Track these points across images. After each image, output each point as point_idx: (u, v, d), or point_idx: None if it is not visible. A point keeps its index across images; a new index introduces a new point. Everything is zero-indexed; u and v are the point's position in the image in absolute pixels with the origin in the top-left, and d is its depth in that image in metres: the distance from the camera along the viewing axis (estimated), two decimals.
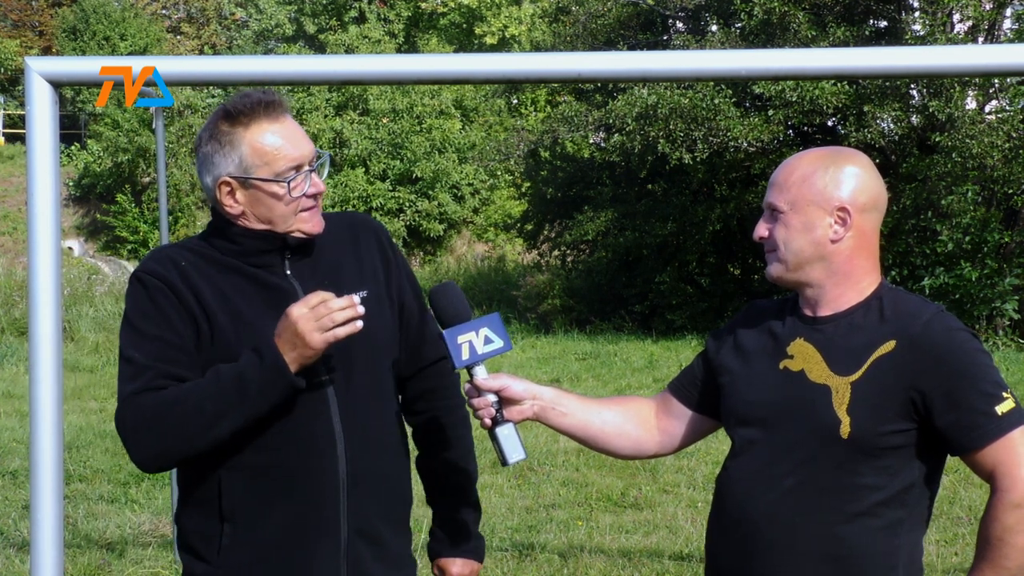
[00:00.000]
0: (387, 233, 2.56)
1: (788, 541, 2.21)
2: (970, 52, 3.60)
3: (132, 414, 2.24)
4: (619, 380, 11.90)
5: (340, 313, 2.16)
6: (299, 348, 2.16)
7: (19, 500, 7.07)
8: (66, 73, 3.75)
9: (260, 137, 2.32)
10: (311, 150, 2.37)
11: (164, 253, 2.38)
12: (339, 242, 2.45)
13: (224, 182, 2.33)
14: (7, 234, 26.59)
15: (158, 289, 2.30)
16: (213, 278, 2.33)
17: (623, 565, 5.81)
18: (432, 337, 2.56)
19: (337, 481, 2.31)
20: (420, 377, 2.55)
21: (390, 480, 2.44)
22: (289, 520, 2.30)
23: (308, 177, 2.34)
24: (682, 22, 18.20)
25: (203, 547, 2.33)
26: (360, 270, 2.44)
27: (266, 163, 2.31)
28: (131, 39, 32.37)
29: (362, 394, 2.37)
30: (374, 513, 2.38)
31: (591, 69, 3.90)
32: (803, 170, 2.27)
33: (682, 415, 2.51)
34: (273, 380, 2.18)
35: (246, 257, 2.36)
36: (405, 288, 2.52)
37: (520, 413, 2.38)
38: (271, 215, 2.33)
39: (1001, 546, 2.11)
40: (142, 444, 2.25)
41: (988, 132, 13.51)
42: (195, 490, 2.35)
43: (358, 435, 2.34)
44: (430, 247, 27.06)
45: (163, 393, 2.23)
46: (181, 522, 2.40)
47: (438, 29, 32.09)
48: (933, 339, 2.17)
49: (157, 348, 2.26)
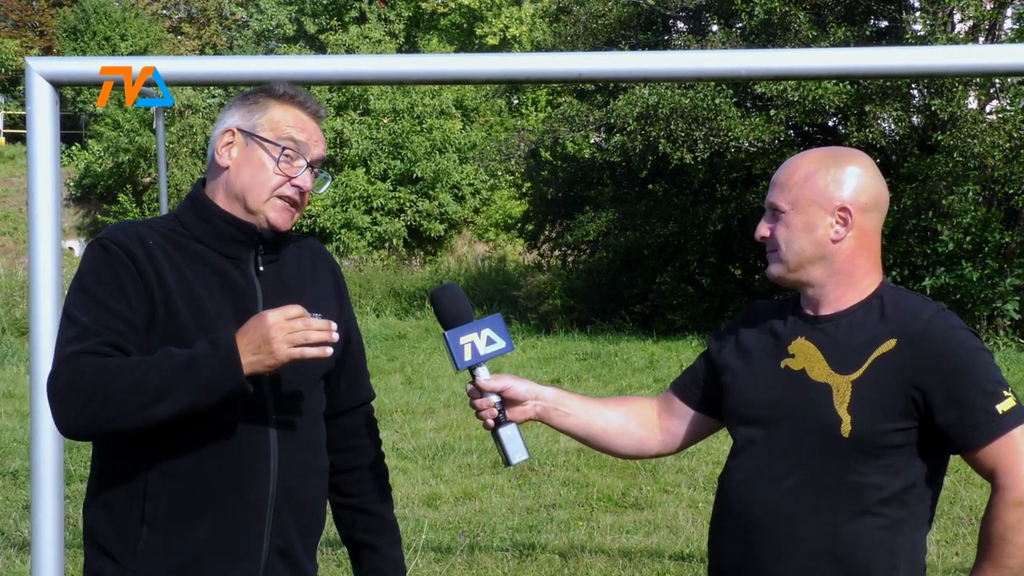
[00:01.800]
0: (339, 268, 2.57)
1: (790, 540, 2.21)
2: (971, 52, 3.60)
3: (70, 374, 2.12)
4: (620, 380, 11.90)
5: (316, 333, 2.10)
6: (261, 354, 2.08)
7: (20, 500, 7.08)
8: (66, 73, 3.76)
9: (284, 113, 2.34)
10: (320, 153, 2.36)
11: (133, 228, 2.30)
12: (301, 262, 2.44)
13: (229, 130, 2.33)
14: (8, 234, 26.60)
15: (119, 259, 2.22)
16: (178, 262, 2.27)
17: (624, 565, 5.81)
18: (366, 377, 2.61)
19: (266, 498, 2.27)
20: (351, 414, 2.57)
21: (313, 505, 2.40)
22: (213, 533, 2.24)
23: (304, 168, 2.33)
24: (683, 22, 18.20)
25: (116, 547, 2.25)
26: (316, 295, 2.42)
27: (272, 129, 2.31)
28: (132, 39, 32.38)
29: (299, 418, 2.34)
30: (295, 535, 2.34)
31: (592, 69, 3.91)
32: (805, 170, 2.28)
33: (684, 415, 2.51)
34: (223, 373, 2.08)
35: (217, 242, 2.31)
36: (351, 324, 2.53)
37: (523, 413, 2.38)
38: (252, 182, 2.30)
39: (1003, 544, 2.11)
40: (73, 407, 2.12)
41: (990, 132, 13.51)
42: (117, 486, 2.26)
43: (290, 454, 2.30)
44: (431, 247, 27.06)
45: (107, 359, 2.13)
46: (92, 516, 2.31)
47: (439, 29, 32.09)
48: (934, 337, 2.17)
49: (106, 316, 2.18)
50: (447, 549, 6.08)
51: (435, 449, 8.60)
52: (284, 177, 2.31)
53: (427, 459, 8.33)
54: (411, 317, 19.14)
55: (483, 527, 6.51)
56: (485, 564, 5.83)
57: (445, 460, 8.30)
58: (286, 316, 2.09)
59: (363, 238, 25.75)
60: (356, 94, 26.70)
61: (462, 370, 2.33)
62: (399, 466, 8.09)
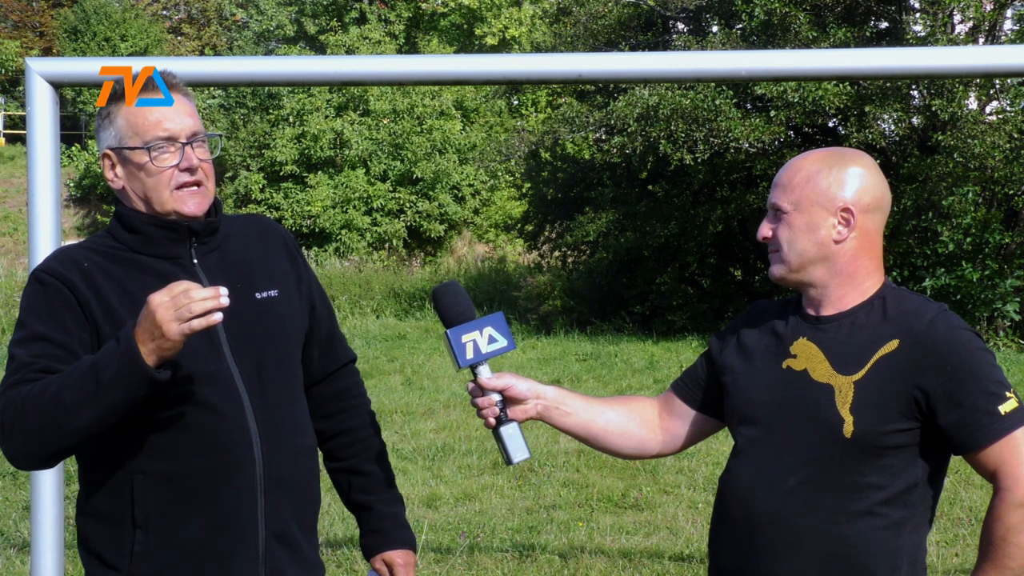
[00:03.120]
0: (292, 238, 2.56)
1: (791, 540, 2.21)
2: (971, 53, 3.60)
3: (4, 408, 2.14)
4: (620, 381, 11.89)
5: (199, 304, 2.01)
6: (157, 339, 2.03)
7: (20, 501, 7.07)
8: (66, 74, 3.76)
9: (132, 111, 2.30)
10: (190, 125, 2.32)
11: (67, 254, 2.31)
12: (247, 241, 2.43)
13: (105, 155, 2.33)
14: (8, 235, 26.61)
15: (55, 289, 2.23)
16: (118, 277, 2.27)
17: (624, 566, 5.80)
18: (341, 339, 2.60)
19: (255, 484, 2.27)
20: (332, 379, 2.56)
21: (303, 483, 2.40)
22: (206, 526, 2.24)
23: (181, 150, 2.29)
24: (683, 23, 18.19)
25: (112, 554, 2.26)
26: (270, 270, 2.41)
27: (136, 133, 2.29)
28: (132, 40, 32.38)
29: (275, 396, 2.33)
30: (289, 516, 2.35)
31: (592, 70, 3.91)
32: (807, 170, 2.27)
33: (685, 415, 2.51)
34: (126, 369, 2.05)
35: (151, 247, 2.31)
36: (314, 291, 2.52)
37: (524, 412, 2.38)
38: (145, 189, 2.29)
39: (1004, 546, 2.11)
40: (12, 438, 2.14)
41: (990, 132, 13.51)
42: (103, 495, 2.27)
43: (272, 437, 2.30)
44: (430, 248, 27.06)
45: (31, 385, 2.13)
46: (85, 526, 2.32)
47: (439, 30, 32.10)
48: (936, 338, 2.17)
49: (40, 347, 2.18)
50: (447, 550, 6.08)
51: (435, 450, 8.60)
52: (168, 169, 2.29)
53: (427, 460, 8.32)
54: (411, 318, 19.13)
55: (483, 528, 6.51)
56: (485, 565, 5.83)
57: (445, 461, 8.29)
58: (170, 294, 2.04)
59: (363, 239, 25.75)
60: (356, 95, 26.69)
61: (463, 368, 2.33)
62: (399, 467, 8.09)
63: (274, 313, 2.36)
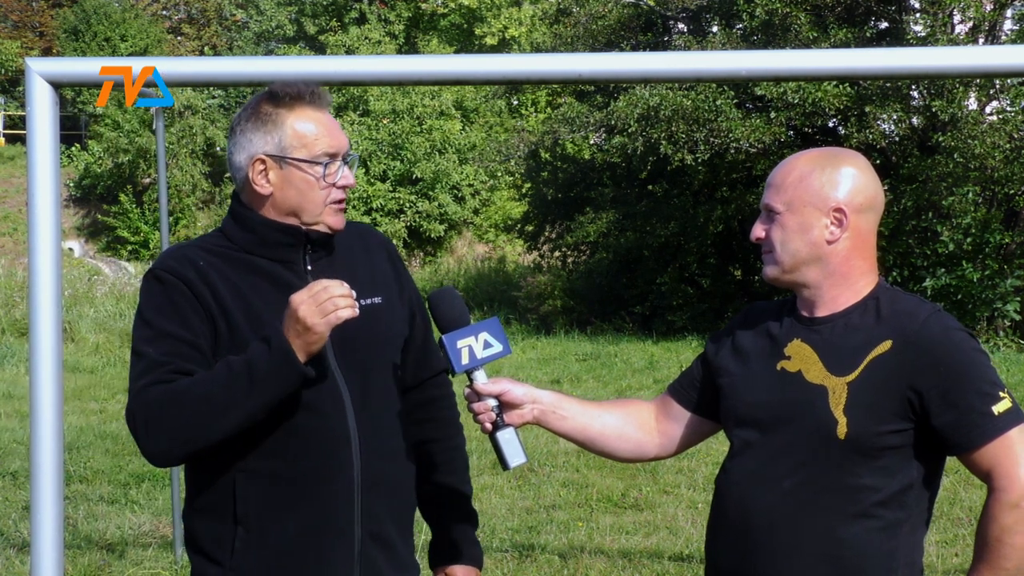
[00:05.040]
0: (393, 246, 2.59)
1: (787, 542, 2.21)
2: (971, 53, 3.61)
3: (141, 407, 2.21)
4: (619, 381, 11.89)
5: (341, 299, 2.15)
6: (303, 335, 2.14)
7: (19, 501, 7.07)
8: (66, 74, 3.75)
9: (302, 121, 2.33)
10: (346, 143, 2.38)
11: (182, 252, 2.36)
12: (352, 248, 2.47)
13: (259, 159, 2.32)
14: (7, 235, 26.60)
15: (175, 286, 2.28)
16: (231, 277, 2.31)
17: (623, 566, 5.81)
18: (435, 348, 2.60)
19: (352, 484, 2.31)
20: (423, 387, 2.59)
21: (400, 484, 2.44)
22: (304, 524, 2.29)
23: (342, 167, 2.35)
24: (683, 23, 18.20)
25: (215, 550, 2.32)
26: (373, 278, 2.45)
27: (304, 145, 2.32)
28: (131, 40, 32.37)
29: (376, 399, 2.37)
30: (385, 517, 2.38)
31: (592, 70, 3.90)
32: (799, 171, 2.27)
33: (681, 417, 2.51)
34: (280, 366, 2.15)
35: (265, 249, 2.34)
36: (414, 299, 2.56)
37: (520, 417, 2.38)
38: (301, 201, 2.32)
39: (999, 547, 2.11)
40: (152, 436, 2.21)
41: (990, 132, 13.51)
42: (208, 493, 2.33)
43: (371, 438, 2.34)
44: (430, 248, 27.06)
45: (172, 384, 2.20)
46: (191, 524, 2.38)
47: (438, 30, 32.09)
48: (930, 338, 2.17)
49: (171, 344, 2.24)
50: None
51: None
52: (331, 187, 2.34)
53: None
54: None
55: (483, 528, 6.51)
56: (485, 565, 5.82)
57: None
58: (309, 293, 2.15)
59: None
60: (356, 95, 26.70)
61: (459, 373, 2.33)
62: None
63: (378, 320, 2.39)
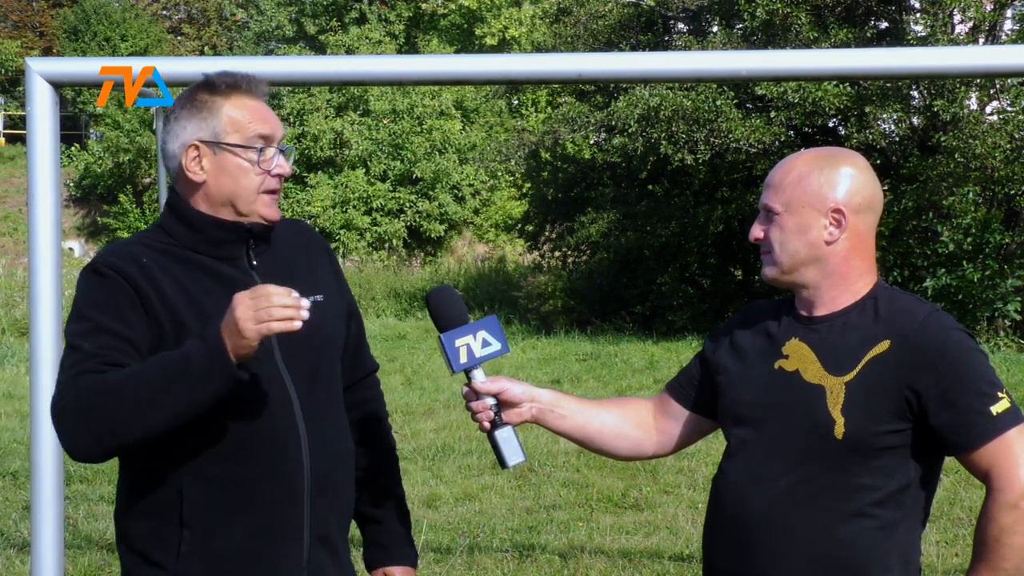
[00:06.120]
0: (328, 244, 2.57)
1: (783, 541, 2.21)
2: (972, 53, 3.60)
3: (69, 396, 2.12)
4: (620, 381, 11.89)
5: (280, 310, 2.04)
6: (235, 336, 2.05)
7: (20, 501, 7.07)
8: (66, 73, 3.76)
9: (237, 108, 2.29)
10: (281, 132, 2.34)
11: (126, 248, 2.29)
12: (293, 246, 2.43)
13: (193, 146, 2.28)
14: (8, 235, 26.60)
15: (115, 282, 2.21)
16: (175, 274, 2.25)
17: (623, 566, 5.81)
18: (367, 348, 2.61)
19: (302, 489, 2.27)
20: (356, 388, 2.57)
21: (344, 487, 2.41)
22: (254, 528, 2.25)
23: (277, 155, 2.31)
24: (683, 23, 18.19)
25: (158, 553, 2.25)
26: (315, 276, 2.42)
27: (237, 130, 2.28)
28: (132, 40, 32.38)
29: (322, 401, 2.34)
30: (331, 520, 2.35)
31: (592, 70, 3.91)
32: (798, 171, 2.27)
33: (680, 415, 2.51)
34: (213, 365, 2.06)
35: (209, 247, 2.30)
36: (351, 299, 2.54)
37: (518, 416, 2.38)
38: (235, 188, 2.28)
39: (998, 547, 2.11)
40: (76, 429, 2.13)
41: (991, 132, 13.51)
42: (151, 495, 2.26)
43: (319, 441, 2.30)
44: (431, 248, 27.05)
45: (106, 375, 2.11)
46: (128, 524, 2.30)
47: (439, 30, 32.08)
48: (928, 338, 2.17)
49: (106, 339, 2.16)
50: (447, 550, 6.08)
51: (435, 450, 8.60)
52: (265, 173, 2.30)
53: (427, 460, 8.33)
54: (411, 318, 19.13)
55: (483, 528, 6.51)
56: (485, 565, 5.83)
57: (445, 461, 8.30)
58: (251, 295, 2.06)
59: (363, 239, 25.74)
60: (356, 95, 26.69)
61: (458, 372, 2.33)
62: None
63: (321, 318, 2.35)
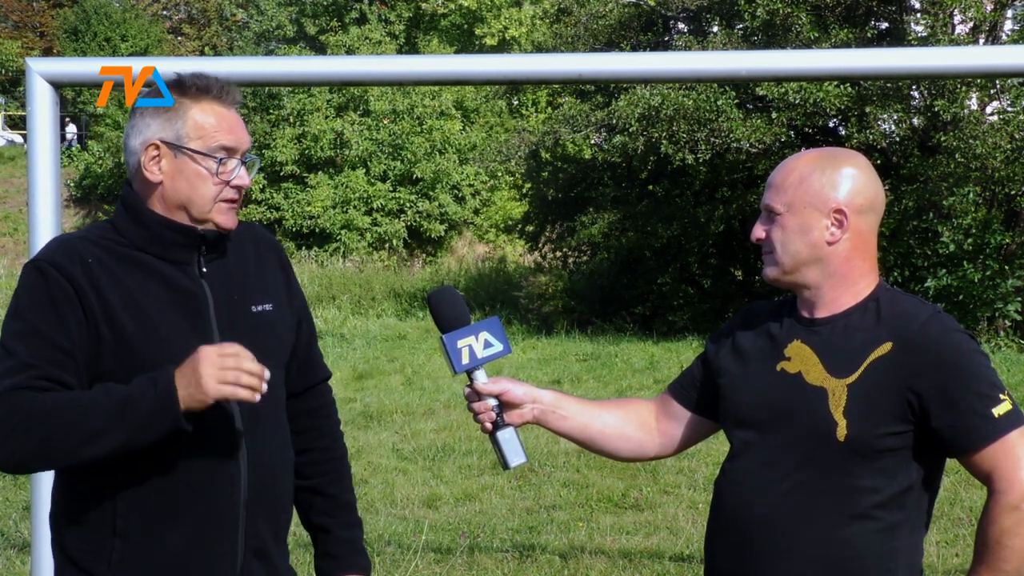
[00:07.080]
0: (283, 248, 2.52)
1: (785, 543, 2.21)
2: (972, 53, 3.61)
3: (5, 411, 2.07)
4: (620, 381, 11.89)
5: (248, 377, 2.04)
6: (191, 388, 2.03)
7: (19, 501, 7.07)
8: (67, 74, 3.76)
9: (204, 113, 2.25)
10: (246, 143, 2.30)
11: (72, 245, 2.21)
12: (244, 252, 2.39)
13: (153, 144, 2.22)
14: (8, 235, 26.62)
15: (57, 283, 2.14)
16: (120, 277, 2.19)
17: (624, 566, 5.80)
18: (319, 355, 2.57)
19: (239, 501, 2.24)
20: (306, 396, 2.53)
21: (282, 499, 2.37)
22: (188, 539, 2.21)
23: (239, 167, 2.26)
24: (684, 23, 18.19)
25: (90, 560, 2.21)
26: (265, 283, 2.38)
27: (200, 137, 2.23)
28: (132, 40, 32.41)
29: (264, 412, 2.29)
30: (266, 531, 2.32)
31: (592, 70, 3.91)
32: (800, 171, 2.26)
33: (682, 417, 2.50)
34: (160, 411, 2.05)
35: (158, 248, 2.24)
36: (303, 305, 2.50)
37: (520, 417, 2.38)
38: (191, 193, 2.23)
39: (999, 549, 2.10)
40: (8, 445, 2.08)
41: (992, 133, 13.51)
42: (85, 502, 2.21)
43: (259, 453, 2.27)
44: (431, 248, 27.06)
45: (43, 396, 2.07)
46: (62, 530, 2.26)
47: (439, 30, 32.10)
48: (930, 340, 2.16)
49: (41, 346, 2.11)
50: (447, 550, 6.08)
51: (435, 450, 8.60)
52: (223, 184, 2.25)
53: (427, 460, 8.32)
54: (411, 318, 19.12)
55: (483, 528, 6.51)
56: (485, 565, 5.82)
57: (445, 461, 8.29)
58: (220, 352, 2.04)
59: (363, 239, 25.76)
60: (356, 95, 26.70)
61: (460, 373, 2.32)
62: (399, 467, 8.09)
63: (268, 327, 2.32)
